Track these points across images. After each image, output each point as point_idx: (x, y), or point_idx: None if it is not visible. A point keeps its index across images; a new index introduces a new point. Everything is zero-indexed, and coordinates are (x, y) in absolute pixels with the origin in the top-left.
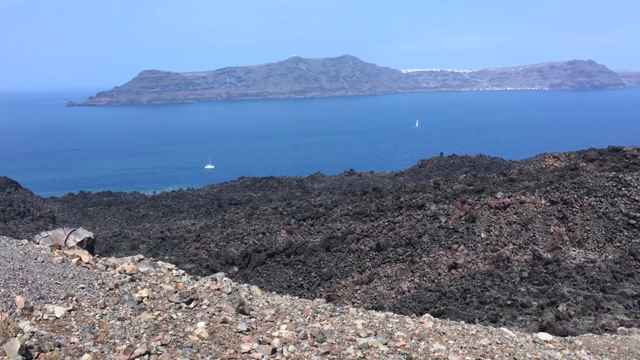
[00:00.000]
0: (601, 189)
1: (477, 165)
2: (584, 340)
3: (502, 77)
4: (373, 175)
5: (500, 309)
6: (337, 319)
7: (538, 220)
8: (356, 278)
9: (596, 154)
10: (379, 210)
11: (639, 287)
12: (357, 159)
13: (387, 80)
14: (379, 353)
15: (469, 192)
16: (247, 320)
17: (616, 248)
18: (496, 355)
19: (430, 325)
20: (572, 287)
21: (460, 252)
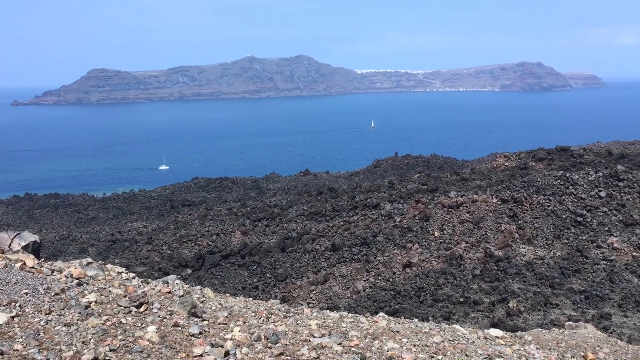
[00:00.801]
0: (550, 188)
1: (430, 165)
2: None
3: (455, 78)
4: (328, 175)
5: (454, 307)
6: (292, 319)
7: (489, 219)
8: (311, 278)
9: (545, 154)
10: (334, 210)
11: (585, 283)
12: (313, 159)
13: (342, 81)
14: (333, 353)
15: (423, 192)
16: (200, 323)
17: (564, 245)
18: (448, 352)
19: (384, 324)
20: (522, 284)
21: (415, 251)
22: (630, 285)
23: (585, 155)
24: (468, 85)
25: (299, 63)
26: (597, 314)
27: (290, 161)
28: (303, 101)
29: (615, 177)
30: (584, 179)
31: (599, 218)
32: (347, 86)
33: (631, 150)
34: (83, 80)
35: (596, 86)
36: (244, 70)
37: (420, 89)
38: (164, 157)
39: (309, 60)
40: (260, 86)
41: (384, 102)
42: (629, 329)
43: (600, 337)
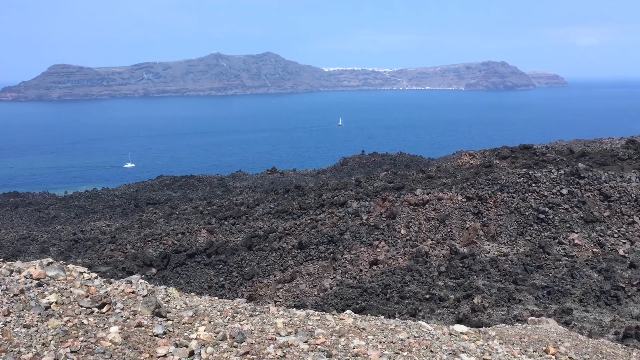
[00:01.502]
0: (513, 185)
1: (397, 163)
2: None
3: (421, 77)
4: (295, 173)
5: (420, 303)
6: (258, 318)
7: (455, 216)
8: (278, 277)
9: (509, 152)
10: (301, 208)
11: (547, 279)
12: (280, 157)
13: (309, 79)
14: (299, 351)
15: (389, 190)
16: (164, 323)
17: (527, 241)
18: (414, 349)
19: (350, 321)
20: (487, 280)
21: (381, 249)
22: (591, 280)
23: (548, 154)
24: (434, 83)
25: (266, 60)
26: (558, 309)
27: (257, 159)
28: (270, 99)
29: (576, 174)
30: (547, 176)
31: (560, 215)
32: (315, 84)
33: (591, 149)
34: (44, 76)
35: (558, 85)
36: (210, 67)
37: (387, 87)
38: (129, 154)
39: (276, 57)
40: (227, 83)
41: (351, 100)
42: (589, 323)
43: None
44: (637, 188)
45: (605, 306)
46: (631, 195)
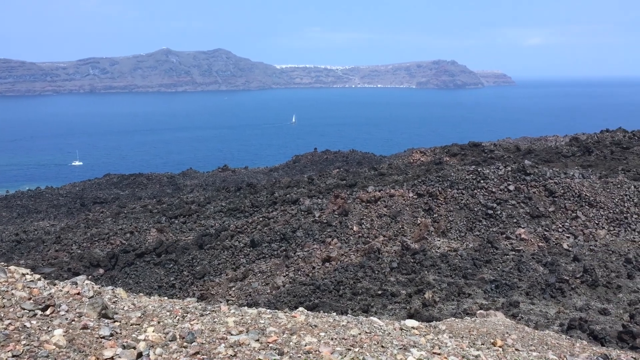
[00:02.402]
0: (462, 182)
1: (349, 160)
2: (447, 324)
3: (373, 75)
4: (247, 171)
5: (372, 299)
6: (208, 317)
7: (406, 213)
8: (230, 275)
9: (458, 149)
10: (253, 206)
11: (496, 273)
12: (231, 154)
13: (261, 75)
14: (251, 350)
15: (341, 187)
16: (111, 325)
17: (476, 237)
18: (365, 344)
19: (302, 318)
20: (437, 275)
21: (334, 246)
22: (537, 274)
23: (496, 151)
24: (386, 81)
25: (217, 57)
26: (506, 302)
27: (208, 157)
28: (221, 96)
29: (522, 171)
30: (494, 173)
31: (508, 211)
32: (267, 81)
33: (537, 146)
34: None
35: (506, 84)
36: (160, 63)
37: (339, 85)
38: (77, 152)
39: (227, 54)
40: (177, 80)
41: (303, 97)
42: (535, 315)
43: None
44: (580, 184)
45: (550, 299)
46: (574, 191)
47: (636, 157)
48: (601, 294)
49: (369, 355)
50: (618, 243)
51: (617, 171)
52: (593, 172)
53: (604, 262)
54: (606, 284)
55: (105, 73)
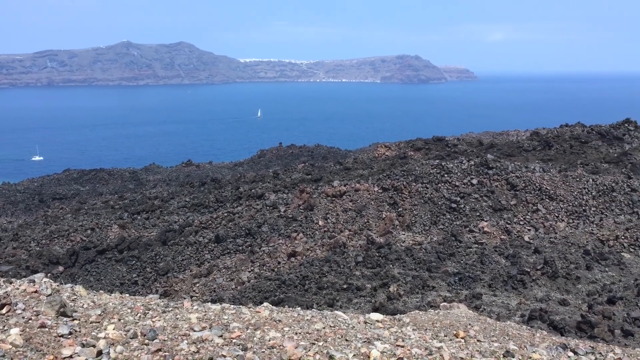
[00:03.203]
0: (427, 176)
1: (315, 155)
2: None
3: (338, 69)
4: (212, 165)
5: (337, 293)
6: (171, 314)
7: (371, 207)
8: (195, 271)
9: (422, 144)
10: (218, 201)
11: (459, 265)
12: (195, 149)
13: (225, 69)
14: (214, 346)
15: (307, 181)
16: (70, 323)
17: (440, 230)
18: (329, 338)
19: (266, 314)
20: (402, 269)
21: (299, 240)
22: (499, 266)
23: (459, 145)
24: (350, 76)
25: (180, 50)
26: (469, 294)
27: (172, 151)
28: (184, 89)
29: (485, 165)
30: (458, 167)
31: (471, 204)
32: (231, 75)
33: (499, 141)
34: None
35: (469, 79)
36: (120, 56)
37: (304, 79)
38: (37, 147)
39: (190, 47)
40: (138, 73)
41: (268, 91)
42: (497, 307)
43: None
44: (541, 178)
45: (512, 290)
46: (535, 185)
47: (594, 151)
48: (561, 285)
49: (333, 349)
50: (577, 235)
51: (576, 165)
52: (553, 166)
53: (563, 254)
54: (566, 276)
55: (64, 66)
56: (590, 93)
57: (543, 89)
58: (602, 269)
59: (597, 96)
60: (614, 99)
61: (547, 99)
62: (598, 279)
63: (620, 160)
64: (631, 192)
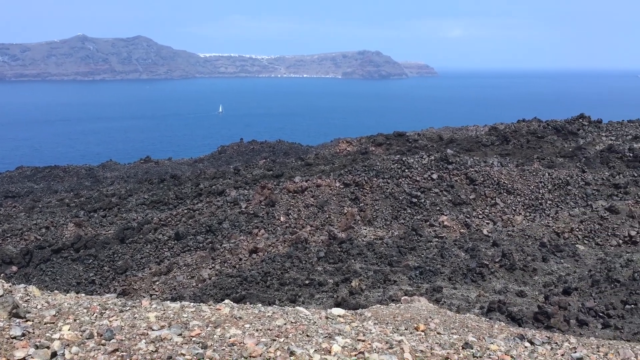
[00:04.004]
0: (388, 171)
1: (276, 151)
2: (373, 311)
3: (299, 65)
4: (171, 162)
5: (299, 289)
6: (128, 313)
7: (333, 202)
8: (154, 269)
9: (383, 139)
10: (178, 198)
11: (420, 259)
12: (154, 145)
13: (184, 64)
14: (173, 345)
15: (268, 177)
16: (22, 324)
17: (401, 225)
18: (290, 334)
19: (227, 311)
20: (364, 263)
21: (261, 237)
22: (459, 259)
23: (419, 140)
24: (311, 71)
25: (137, 44)
26: (430, 287)
27: (129, 148)
28: (143, 85)
29: (445, 160)
30: (418, 162)
31: (431, 199)
32: (190, 70)
33: (459, 136)
34: None
35: (429, 75)
36: (75, 51)
37: (265, 75)
38: None
39: (148, 41)
40: (94, 68)
41: (228, 87)
42: (457, 299)
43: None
44: (499, 172)
45: (471, 283)
46: (493, 179)
47: (550, 145)
48: (518, 277)
49: (294, 344)
50: (534, 228)
51: (532, 159)
52: (511, 160)
53: (520, 246)
54: (523, 268)
55: (16, 60)
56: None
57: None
58: (558, 261)
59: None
60: (569, 94)
61: (505, 95)
62: (554, 270)
63: (575, 154)
64: (585, 185)
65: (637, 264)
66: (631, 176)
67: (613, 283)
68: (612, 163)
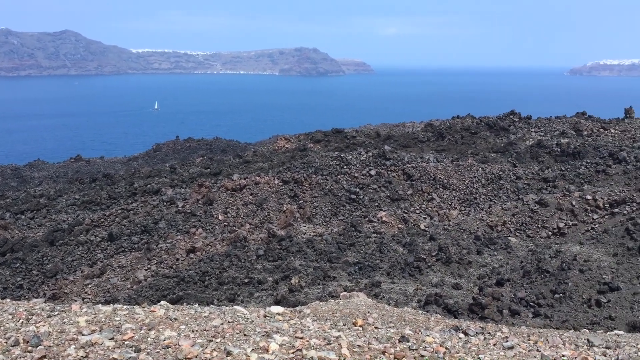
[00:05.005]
0: (327, 168)
1: (213, 148)
2: (312, 308)
3: (236, 61)
4: (103, 161)
5: (239, 288)
6: (57, 318)
7: (272, 200)
8: (86, 272)
9: (322, 136)
10: (111, 198)
11: (359, 255)
12: (84, 144)
13: (115, 60)
14: (104, 349)
15: (205, 175)
16: None
17: (340, 221)
18: (227, 334)
19: (161, 312)
20: (303, 260)
21: (199, 236)
22: (397, 254)
23: (357, 137)
24: (249, 68)
25: (65, 39)
26: (369, 282)
27: (59, 146)
28: (71, 81)
29: (383, 156)
30: (357, 159)
31: (370, 195)
32: (122, 66)
33: (396, 132)
34: None
35: (365, 72)
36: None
37: (201, 71)
38: None
39: (76, 36)
40: (19, 63)
41: (163, 83)
42: (395, 294)
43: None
44: (435, 168)
45: (409, 277)
46: (430, 175)
47: (483, 141)
48: (454, 270)
49: (231, 344)
50: (468, 222)
51: (466, 155)
52: (446, 156)
53: (456, 240)
54: (458, 261)
55: None
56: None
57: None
58: (492, 253)
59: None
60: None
61: (440, 92)
62: (488, 262)
63: (507, 149)
64: (516, 179)
65: (566, 255)
66: (559, 170)
67: (543, 273)
68: (542, 158)
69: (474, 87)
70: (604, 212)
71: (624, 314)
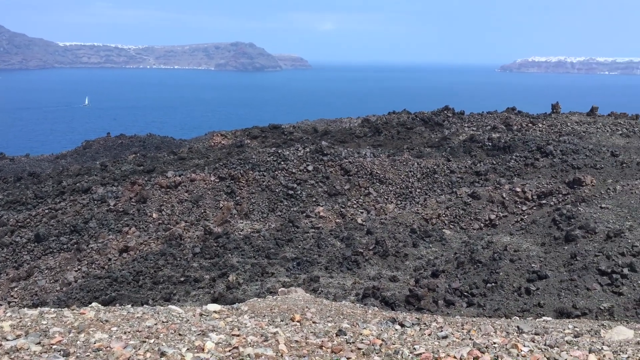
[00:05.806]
0: (264, 164)
1: (147, 145)
2: (249, 305)
3: (169, 55)
4: (29, 159)
5: (174, 287)
6: None
7: (208, 197)
8: (12, 275)
9: (259, 132)
10: (38, 197)
11: (297, 250)
12: (7, 141)
13: (41, 53)
14: (31, 354)
15: (139, 173)
16: None
17: (278, 217)
18: (161, 335)
19: (92, 314)
20: (241, 257)
21: (132, 235)
22: (335, 248)
23: (295, 133)
24: (183, 63)
25: None
26: (307, 277)
27: None
28: None
29: (320, 152)
30: (294, 154)
31: (307, 190)
32: (48, 59)
33: (333, 127)
34: None
35: (303, 68)
36: None
37: (133, 65)
38: None
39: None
40: None
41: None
42: (334, 288)
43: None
44: (372, 163)
45: (347, 271)
46: (367, 169)
47: (418, 136)
48: (391, 263)
49: (165, 345)
50: (404, 215)
51: (402, 150)
52: (382, 151)
53: (393, 233)
54: (395, 254)
55: None
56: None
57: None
58: (427, 246)
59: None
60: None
61: (376, 87)
62: (423, 255)
63: (441, 144)
64: (450, 173)
65: (497, 245)
66: (490, 164)
67: (476, 264)
68: (474, 152)
69: (409, 82)
70: (532, 204)
71: (551, 301)
